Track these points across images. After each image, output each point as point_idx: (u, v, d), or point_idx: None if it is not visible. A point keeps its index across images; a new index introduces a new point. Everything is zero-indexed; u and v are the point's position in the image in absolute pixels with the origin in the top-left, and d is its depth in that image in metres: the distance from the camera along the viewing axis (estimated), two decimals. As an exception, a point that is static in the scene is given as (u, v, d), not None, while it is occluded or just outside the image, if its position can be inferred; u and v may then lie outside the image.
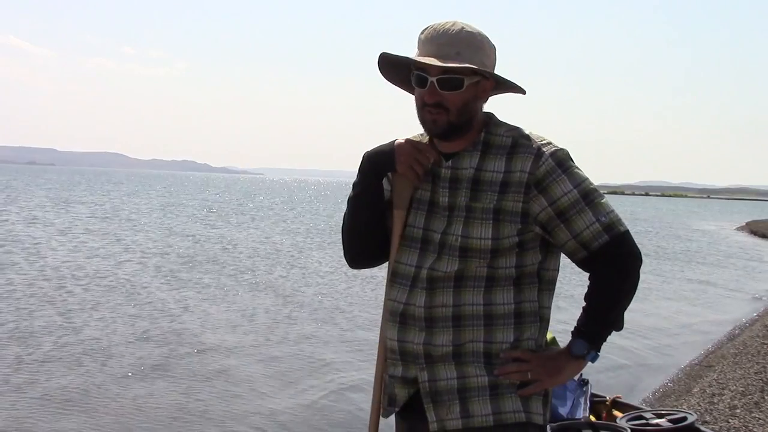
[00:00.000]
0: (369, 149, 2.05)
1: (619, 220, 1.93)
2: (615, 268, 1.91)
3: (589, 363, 1.98)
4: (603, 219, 1.90)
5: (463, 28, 1.92)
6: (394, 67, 2.02)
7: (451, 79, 1.89)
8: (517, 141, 1.92)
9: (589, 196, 1.90)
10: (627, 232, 1.93)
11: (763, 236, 38.23)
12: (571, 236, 1.90)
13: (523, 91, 2.02)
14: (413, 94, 2.05)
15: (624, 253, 1.91)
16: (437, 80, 1.90)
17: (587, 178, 1.93)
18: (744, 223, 50.70)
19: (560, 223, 1.89)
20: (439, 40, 1.90)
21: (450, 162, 1.97)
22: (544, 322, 1.99)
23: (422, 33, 1.95)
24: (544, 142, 1.92)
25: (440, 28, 1.92)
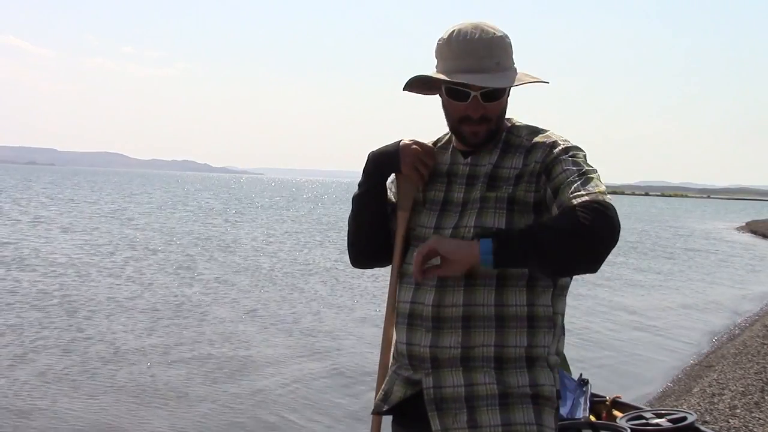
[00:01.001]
0: (374, 149, 2.03)
1: (607, 195, 1.71)
2: (580, 214, 1.65)
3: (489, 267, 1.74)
4: (590, 187, 1.71)
5: (491, 32, 1.87)
6: (421, 82, 1.96)
7: (496, 91, 1.87)
8: (537, 140, 1.90)
9: (585, 174, 1.77)
10: (612, 206, 1.69)
11: (764, 236, 38.23)
12: (557, 206, 1.75)
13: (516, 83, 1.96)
14: (426, 93, 1.99)
15: (599, 210, 1.65)
16: (481, 94, 1.86)
17: (592, 166, 1.82)
18: (744, 223, 50.71)
19: (553, 198, 1.78)
20: (476, 53, 1.85)
21: (469, 159, 1.95)
22: (558, 328, 1.91)
23: (447, 42, 1.88)
24: (562, 139, 1.89)
25: (470, 36, 1.86)
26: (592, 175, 1.76)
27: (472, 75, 1.84)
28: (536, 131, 1.94)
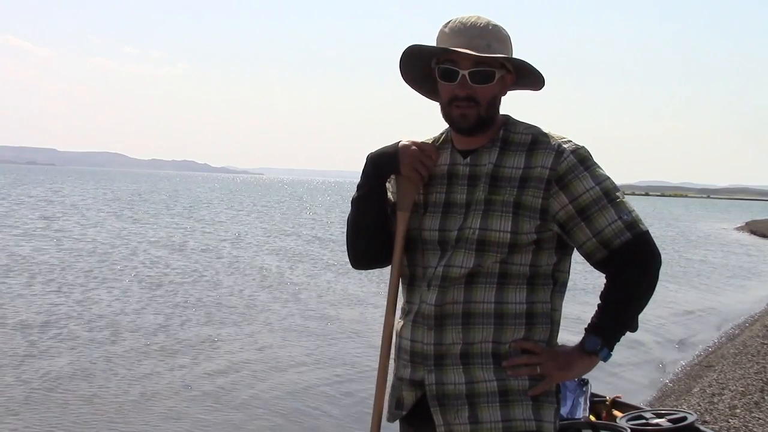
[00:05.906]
0: (373, 151, 2.03)
1: (641, 219, 1.89)
2: (635, 266, 1.87)
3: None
4: (625, 217, 1.85)
5: (489, 21, 1.92)
6: (416, 63, 1.99)
7: (484, 72, 1.88)
8: (537, 138, 1.91)
9: (610, 194, 1.87)
10: (648, 232, 1.89)
11: (763, 236, 38.25)
12: (592, 234, 1.86)
13: (539, 86, 2.00)
14: (428, 96, 2.04)
15: (645, 252, 1.87)
16: (469, 73, 1.88)
17: (609, 177, 1.90)
18: (744, 223, 50.71)
19: (581, 221, 1.86)
20: (469, 32, 1.89)
21: (468, 159, 1.95)
22: (555, 324, 1.94)
23: (446, 26, 1.93)
24: (564, 139, 1.90)
25: (467, 21, 1.91)
26: (619, 197, 1.87)
27: (461, 49, 1.88)
28: (533, 127, 1.95)
